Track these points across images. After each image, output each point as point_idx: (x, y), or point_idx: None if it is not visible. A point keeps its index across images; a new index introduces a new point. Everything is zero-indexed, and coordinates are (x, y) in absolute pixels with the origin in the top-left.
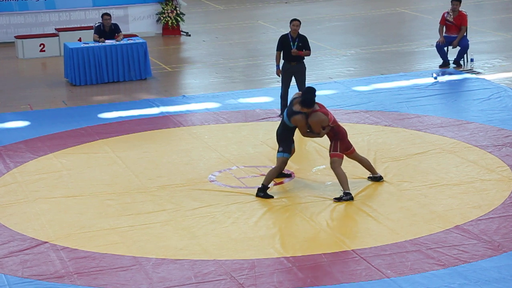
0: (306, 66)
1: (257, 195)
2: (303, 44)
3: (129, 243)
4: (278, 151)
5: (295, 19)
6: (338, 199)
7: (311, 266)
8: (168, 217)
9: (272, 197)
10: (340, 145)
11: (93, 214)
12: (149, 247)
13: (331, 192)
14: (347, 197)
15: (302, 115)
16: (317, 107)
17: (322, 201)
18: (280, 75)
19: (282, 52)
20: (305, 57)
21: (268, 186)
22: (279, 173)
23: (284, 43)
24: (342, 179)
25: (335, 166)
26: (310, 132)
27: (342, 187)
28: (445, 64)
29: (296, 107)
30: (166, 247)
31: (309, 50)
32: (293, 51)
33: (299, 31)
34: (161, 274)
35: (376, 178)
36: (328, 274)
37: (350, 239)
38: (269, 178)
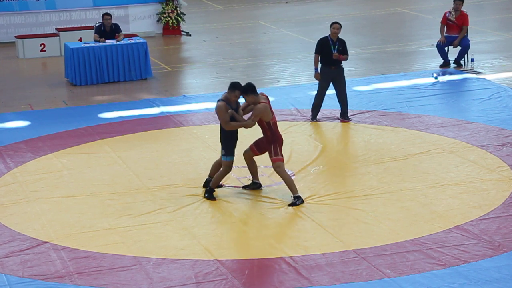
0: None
1: (204, 196)
2: (343, 48)
3: (130, 243)
4: (222, 154)
5: (336, 22)
6: (292, 205)
7: (311, 266)
8: (169, 217)
9: (215, 199)
10: (280, 148)
11: (94, 214)
12: (149, 247)
13: (331, 192)
14: (299, 200)
15: (223, 102)
16: (262, 99)
17: (322, 201)
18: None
19: (320, 56)
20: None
21: (214, 189)
22: (224, 176)
23: (323, 47)
24: (290, 183)
25: (280, 170)
26: (233, 121)
27: (292, 191)
28: (445, 64)
29: (222, 96)
30: (167, 247)
31: (347, 54)
32: (334, 55)
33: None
34: (162, 274)
35: (257, 185)
36: (328, 274)
37: (350, 239)
38: (216, 181)
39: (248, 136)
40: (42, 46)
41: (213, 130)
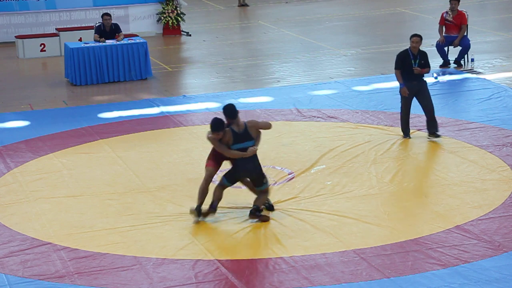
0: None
1: (254, 215)
2: (425, 62)
3: (130, 243)
4: (263, 183)
5: (415, 35)
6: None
7: (311, 266)
8: (169, 217)
9: (267, 218)
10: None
11: (94, 214)
12: (149, 247)
13: (331, 192)
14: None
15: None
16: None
17: (322, 201)
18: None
19: (402, 71)
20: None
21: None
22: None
23: (404, 61)
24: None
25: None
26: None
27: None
28: (445, 64)
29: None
30: (167, 247)
31: (429, 67)
32: (415, 69)
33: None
34: (162, 274)
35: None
36: (328, 274)
37: (350, 239)
38: (261, 201)
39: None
40: (42, 46)
41: None
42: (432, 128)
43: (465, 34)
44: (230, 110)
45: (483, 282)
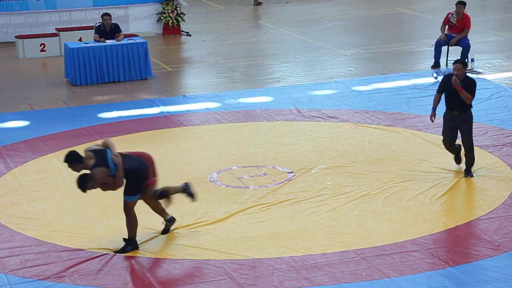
0: (472, 114)
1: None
2: (468, 89)
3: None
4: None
5: (457, 61)
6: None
7: (311, 266)
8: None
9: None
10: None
11: (94, 214)
12: (149, 247)
13: (331, 192)
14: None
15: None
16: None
17: (322, 201)
18: (434, 121)
19: (444, 96)
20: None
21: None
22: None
23: (447, 85)
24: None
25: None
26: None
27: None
28: (436, 64)
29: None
30: (167, 247)
31: (472, 95)
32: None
33: (465, 74)
34: (162, 274)
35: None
36: (328, 274)
37: (350, 239)
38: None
39: None
40: (42, 46)
41: (213, 130)
42: (466, 169)
43: (465, 35)
44: (74, 156)
45: (483, 282)
